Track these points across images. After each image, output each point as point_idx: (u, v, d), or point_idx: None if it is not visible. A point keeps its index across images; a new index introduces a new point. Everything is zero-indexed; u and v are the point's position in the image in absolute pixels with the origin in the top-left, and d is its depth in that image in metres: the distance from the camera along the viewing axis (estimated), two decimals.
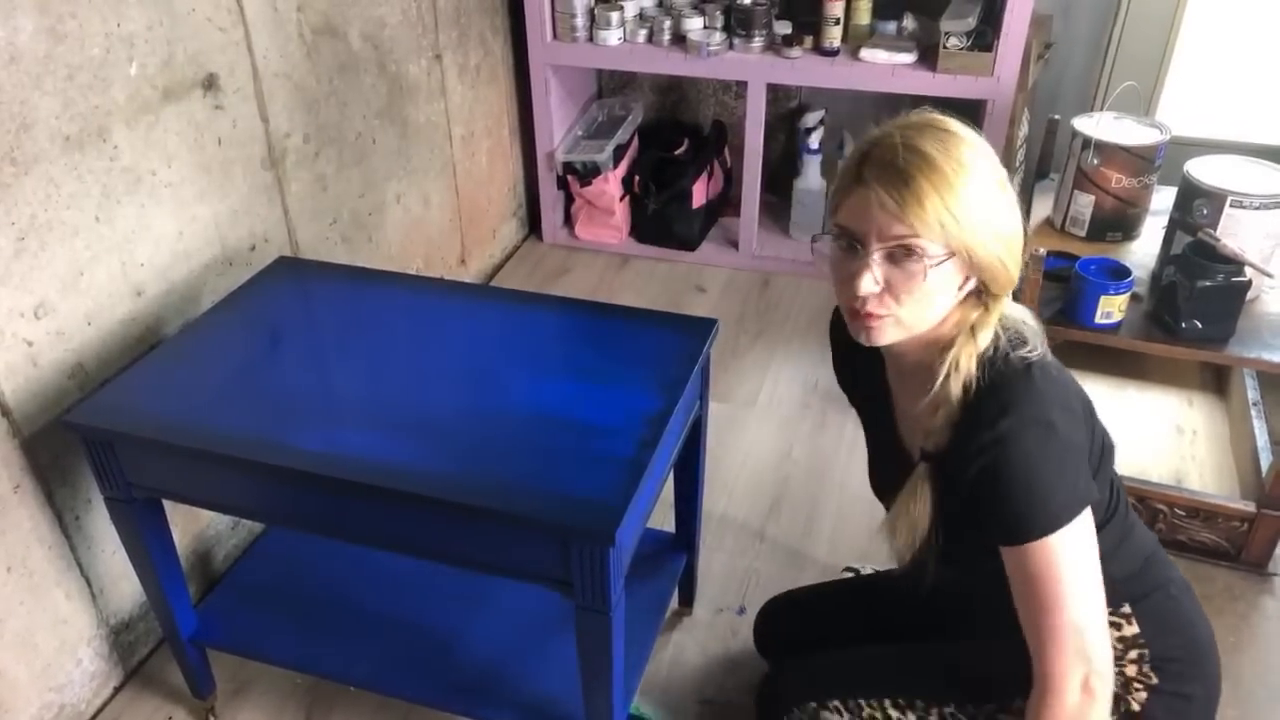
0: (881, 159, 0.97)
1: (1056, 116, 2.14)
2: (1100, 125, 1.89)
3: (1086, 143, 1.86)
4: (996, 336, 1.02)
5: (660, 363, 1.32)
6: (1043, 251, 1.69)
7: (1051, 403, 0.99)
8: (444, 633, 1.45)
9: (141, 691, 1.61)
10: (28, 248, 1.32)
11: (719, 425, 2.18)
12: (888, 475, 1.20)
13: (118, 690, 1.61)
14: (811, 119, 2.75)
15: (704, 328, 1.40)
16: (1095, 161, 1.85)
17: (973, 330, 1.02)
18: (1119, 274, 1.70)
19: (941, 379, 1.02)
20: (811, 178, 2.75)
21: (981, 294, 1.02)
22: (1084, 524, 0.98)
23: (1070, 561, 0.97)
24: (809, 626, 1.47)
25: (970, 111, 2.43)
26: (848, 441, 2.13)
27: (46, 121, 1.32)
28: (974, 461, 0.98)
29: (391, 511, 1.16)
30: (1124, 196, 1.88)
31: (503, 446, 1.19)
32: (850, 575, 1.74)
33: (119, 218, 1.46)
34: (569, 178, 2.75)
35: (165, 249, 1.56)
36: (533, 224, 2.97)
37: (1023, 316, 1.05)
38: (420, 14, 2.19)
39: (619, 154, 2.73)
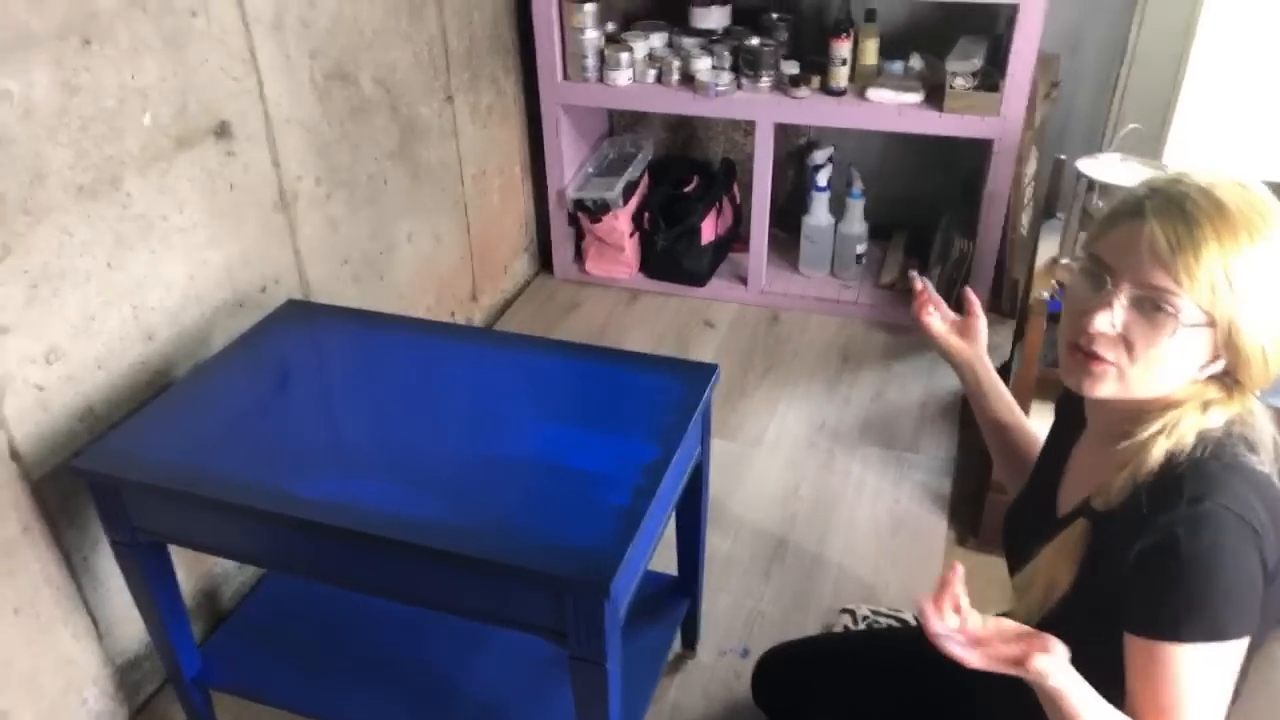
0: (1170, 195, 0.87)
1: (1063, 156, 2.15)
2: (1104, 167, 1.90)
3: (1091, 185, 1.87)
4: (1229, 426, 0.90)
5: (660, 410, 1.33)
6: (1046, 295, 1.69)
7: (1264, 517, 0.86)
8: (444, 676, 1.45)
9: None
10: (40, 295, 1.35)
11: (725, 464, 2.19)
12: (1028, 524, 1.09)
13: None
14: (820, 156, 2.77)
15: (704, 374, 1.40)
16: (1100, 204, 1.86)
17: (1206, 405, 0.91)
18: None
19: (1148, 434, 0.91)
20: (819, 214, 2.76)
21: (1226, 379, 0.91)
22: (1237, 650, 0.87)
23: (1209, 679, 0.86)
24: (805, 683, 1.46)
25: (977, 151, 2.44)
26: (854, 480, 2.13)
27: (60, 172, 1.35)
28: (1155, 534, 0.87)
29: (389, 559, 1.17)
30: None
31: (499, 494, 1.20)
32: (847, 616, 1.74)
33: (131, 263, 1.49)
34: (580, 214, 2.78)
35: (176, 293, 1.59)
36: (544, 259, 2.99)
37: (1266, 425, 0.92)
38: (432, 57, 2.23)
39: (629, 191, 2.75)
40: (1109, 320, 0.89)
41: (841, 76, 2.45)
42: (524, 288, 2.91)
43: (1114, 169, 1.89)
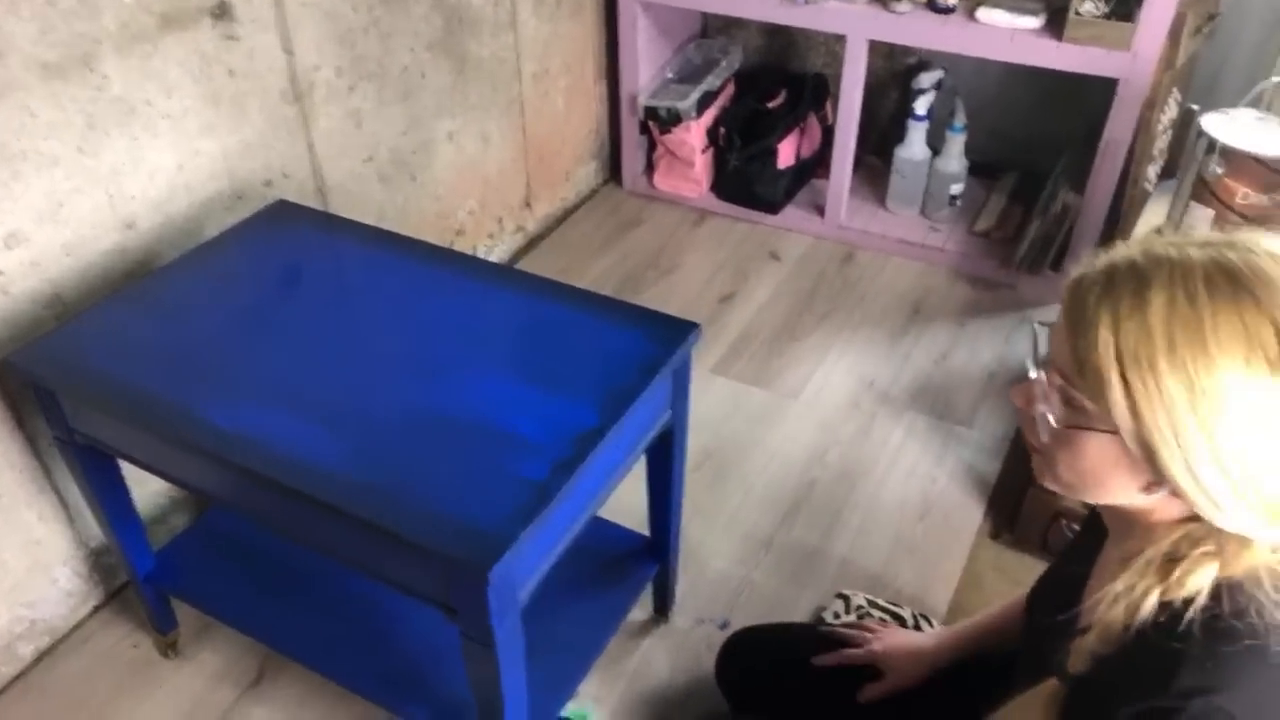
0: (1115, 257, 0.75)
1: (1195, 107, 1.81)
2: (1234, 126, 1.58)
3: (1211, 146, 1.56)
4: (1237, 593, 0.71)
5: (617, 370, 1.18)
6: None
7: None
8: (387, 617, 1.39)
9: (120, 613, 1.64)
10: None
11: (754, 414, 2.02)
12: (1053, 601, 0.91)
13: (97, 609, 1.65)
14: (926, 80, 2.46)
15: (680, 332, 1.24)
16: (1219, 170, 1.55)
17: (1172, 562, 0.74)
18: None
19: (1141, 563, 0.75)
20: (915, 146, 2.47)
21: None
22: None
23: None
24: (768, 673, 1.34)
25: (1099, 91, 2.10)
26: (891, 451, 1.93)
27: (22, 48, 1.27)
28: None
29: (285, 502, 1.09)
30: (1250, 215, 1.57)
31: (412, 450, 1.09)
32: (840, 602, 1.60)
33: (105, 149, 1.42)
34: (650, 123, 2.58)
35: (161, 181, 1.52)
36: (615, 168, 2.82)
37: None
38: None
39: (705, 101, 2.53)
40: (1021, 394, 0.80)
41: None
42: (588, 197, 2.76)
43: (1246, 130, 1.57)
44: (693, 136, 2.53)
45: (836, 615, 1.58)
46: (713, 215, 2.67)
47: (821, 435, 1.97)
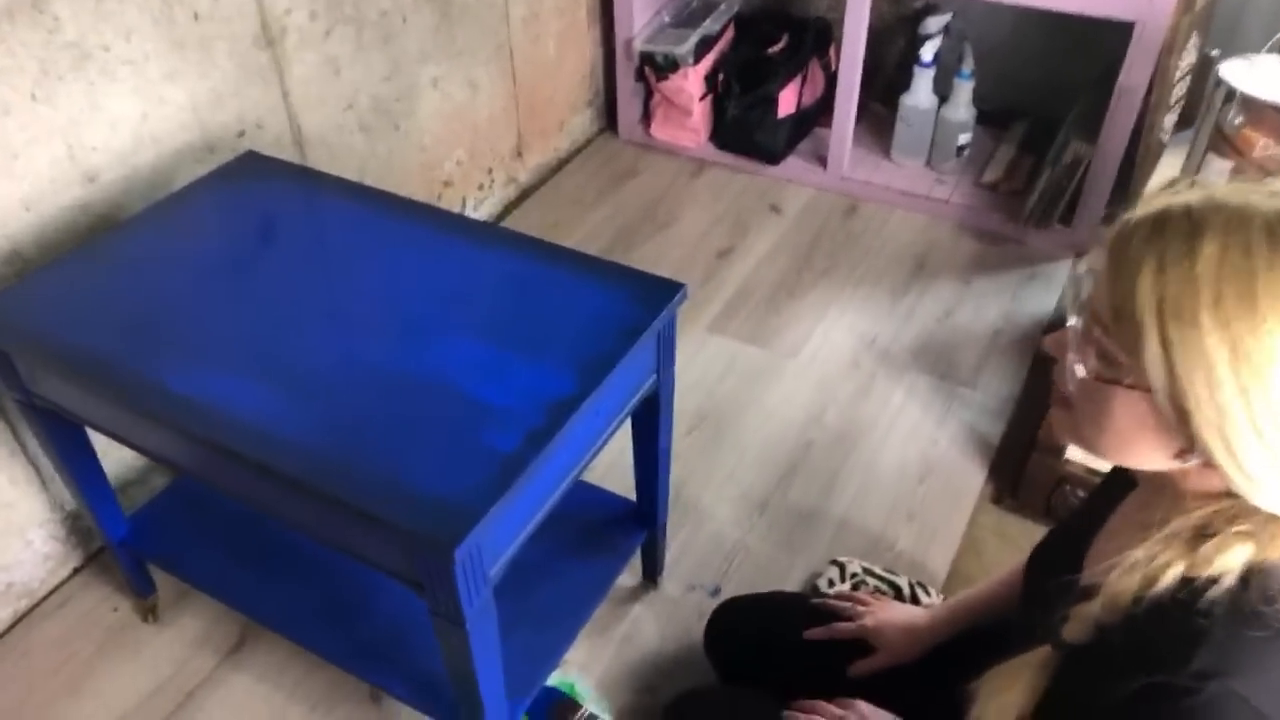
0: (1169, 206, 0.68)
1: (1215, 52, 1.72)
2: (1256, 73, 1.49)
3: (1230, 94, 1.47)
4: (1269, 579, 0.66)
5: (596, 333, 1.12)
6: None
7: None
8: (364, 586, 1.35)
9: (99, 575, 1.61)
10: None
11: (750, 373, 1.96)
12: (1053, 568, 0.86)
13: (77, 571, 1.61)
14: (933, 24, 2.36)
15: (665, 293, 1.18)
16: (1238, 121, 1.47)
17: (1202, 536, 0.69)
18: None
19: (1164, 534, 0.70)
20: (921, 94, 2.38)
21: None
22: None
23: None
24: (757, 643, 1.30)
25: (1114, 34, 2.00)
26: (891, 413, 1.87)
27: None
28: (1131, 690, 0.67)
29: (243, 473, 1.04)
30: (1271, 167, 1.49)
31: (378, 419, 1.03)
32: (835, 569, 1.55)
33: (61, 96, 1.34)
34: (647, 70, 2.48)
35: (125, 132, 1.45)
36: (610, 117, 2.73)
37: None
38: None
39: (704, 47, 2.43)
40: (1055, 342, 0.75)
41: None
42: (583, 146, 2.67)
43: (1268, 79, 1.48)
44: (690, 84, 2.44)
45: (831, 583, 1.53)
46: (712, 165, 2.58)
47: (820, 395, 1.92)
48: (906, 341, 2.04)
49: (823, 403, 1.90)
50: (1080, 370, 0.72)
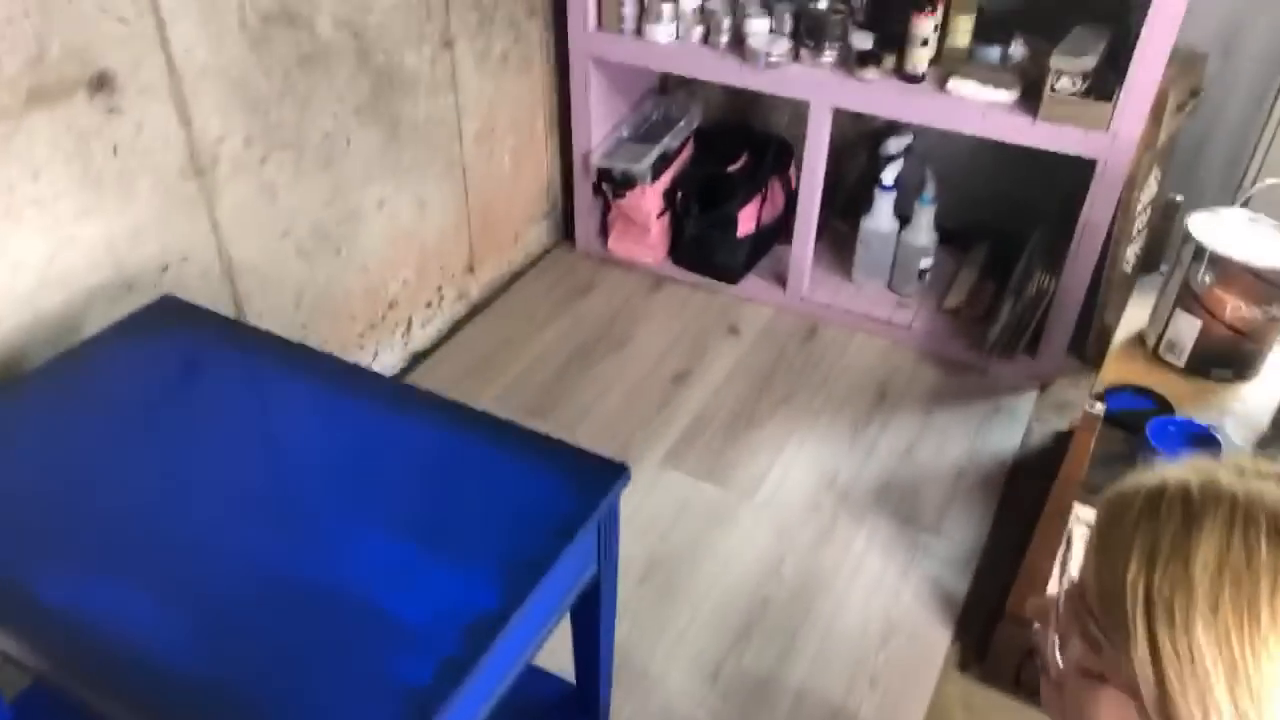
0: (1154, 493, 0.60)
1: (1179, 198, 1.69)
2: (1225, 229, 1.45)
3: (1199, 252, 1.42)
4: None
5: (530, 529, 1.01)
6: (1097, 405, 1.29)
7: None
8: None
9: None
10: None
11: (706, 515, 1.86)
12: None
13: None
14: (894, 145, 2.33)
15: (607, 477, 1.08)
16: (1207, 280, 1.42)
17: None
18: (1205, 444, 1.29)
19: None
20: (881, 217, 2.34)
21: None
22: None
23: None
24: None
25: (1075, 161, 1.97)
26: (852, 561, 1.78)
27: None
28: None
29: (115, 705, 0.91)
30: (1241, 328, 1.44)
31: (269, 637, 0.92)
32: None
33: None
34: (604, 185, 2.43)
35: (28, 274, 1.34)
36: (567, 228, 2.66)
37: None
38: None
39: (663, 164, 2.38)
40: (1038, 611, 0.68)
41: (921, 59, 2.01)
42: (539, 258, 2.59)
43: (1236, 235, 1.44)
44: (648, 201, 2.38)
45: None
46: (670, 281, 2.51)
47: (778, 542, 1.81)
48: (868, 480, 1.95)
49: (781, 552, 1.80)
50: (1060, 661, 0.63)
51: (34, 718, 1.29)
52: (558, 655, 1.30)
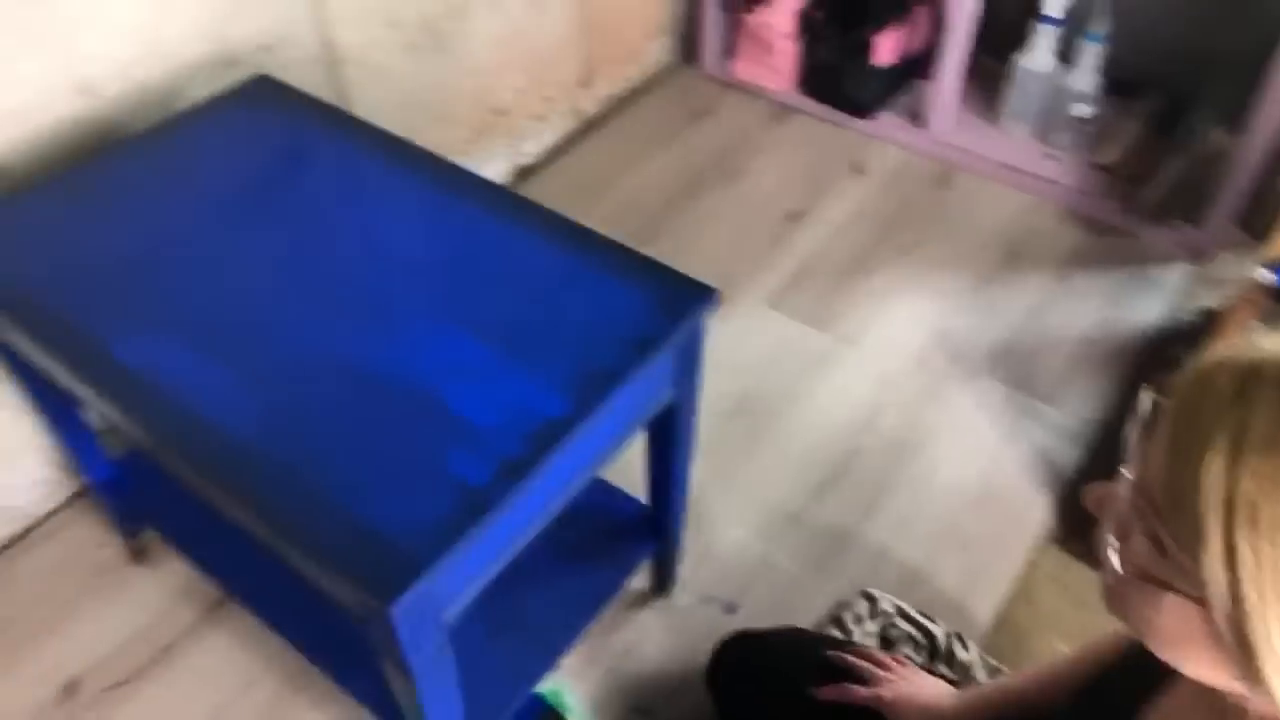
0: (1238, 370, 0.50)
1: None
2: None
3: None
4: None
5: (608, 342, 0.96)
6: (1265, 271, 1.12)
7: None
8: None
9: (92, 509, 1.54)
10: None
11: (807, 360, 1.78)
12: None
13: (73, 499, 1.55)
14: None
15: (695, 299, 1.00)
16: None
17: None
18: None
19: None
20: (1039, 55, 2.09)
21: None
22: None
23: None
24: (760, 689, 1.16)
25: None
26: (955, 421, 1.68)
27: None
28: None
29: (174, 458, 0.91)
30: None
31: (338, 423, 0.90)
32: (864, 603, 1.39)
33: (57, 1, 1.21)
34: None
35: (129, 41, 1.31)
36: (692, 47, 2.49)
37: None
38: None
39: None
40: (1098, 502, 0.59)
41: None
42: (658, 79, 2.45)
43: None
44: (778, 18, 2.19)
45: (859, 618, 1.37)
46: (795, 112, 2.34)
47: (879, 394, 1.72)
48: (986, 340, 1.82)
49: (880, 404, 1.71)
50: (1118, 563, 0.55)
51: (129, 478, 1.35)
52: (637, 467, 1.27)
